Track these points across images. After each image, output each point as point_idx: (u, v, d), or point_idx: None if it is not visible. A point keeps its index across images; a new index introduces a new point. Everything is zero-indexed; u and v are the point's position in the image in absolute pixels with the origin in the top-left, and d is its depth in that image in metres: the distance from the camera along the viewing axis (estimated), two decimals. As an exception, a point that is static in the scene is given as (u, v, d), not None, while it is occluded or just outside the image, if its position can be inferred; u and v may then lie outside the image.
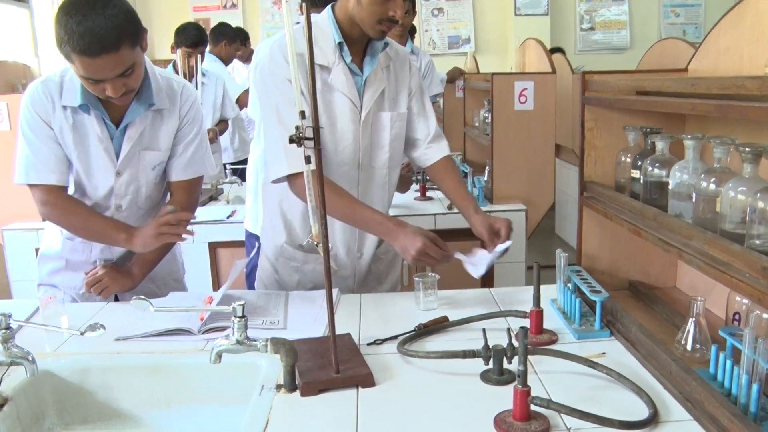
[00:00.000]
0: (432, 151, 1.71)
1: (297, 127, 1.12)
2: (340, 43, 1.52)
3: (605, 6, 6.20)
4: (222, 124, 3.54)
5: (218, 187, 3.08)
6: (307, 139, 1.10)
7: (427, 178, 3.07)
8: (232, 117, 3.58)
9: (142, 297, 1.15)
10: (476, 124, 3.14)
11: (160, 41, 6.08)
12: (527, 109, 2.48)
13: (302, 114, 1.14)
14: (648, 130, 1.30)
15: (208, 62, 3.66)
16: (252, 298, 1.56)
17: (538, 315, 1.26)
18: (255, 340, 1.10)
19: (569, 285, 1.37)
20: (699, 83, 1.03)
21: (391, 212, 2.38)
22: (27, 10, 4.25)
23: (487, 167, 2.77)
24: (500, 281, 2.50)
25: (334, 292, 1.59)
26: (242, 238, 2.53)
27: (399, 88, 1.64)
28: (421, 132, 1.70)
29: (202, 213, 2.65)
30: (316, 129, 1.09)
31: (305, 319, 1.42)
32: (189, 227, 1.51)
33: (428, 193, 2.81)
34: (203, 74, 3.34)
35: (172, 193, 1.68)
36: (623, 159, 1.35)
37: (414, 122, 1.68)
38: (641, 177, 1.25)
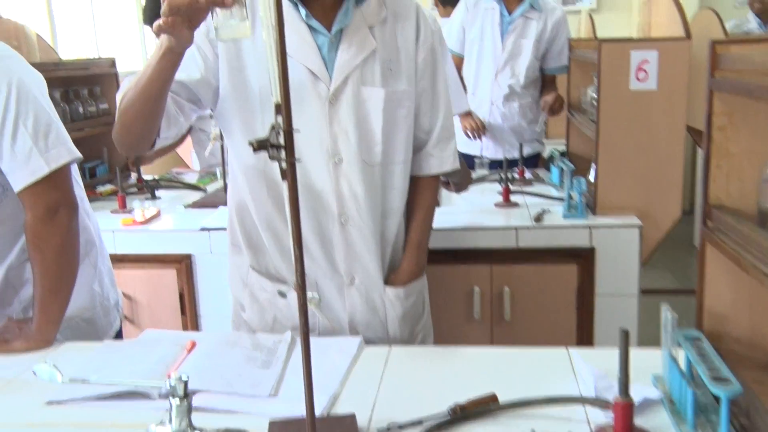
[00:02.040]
0: (427, 160, 1.57)
1: (272, 126, 0.95)
2: None
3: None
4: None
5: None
6: (277, 147, 0.93)
7: (515, 175, 2.87)
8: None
9: (48, 363, 1.03)
10: (583, 107, 2.87)
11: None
12: (648, 89, 2.20)
13: (277, 108, 0.97)
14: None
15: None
16: (246, 344, 1.42)
17: (624, 410, 1.03)
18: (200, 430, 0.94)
19: (681, 362, 1.12)
20: None
21: (451, 224, 2.25)
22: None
23: (592, 165, 2.50)
24: (601, 321, 2.24)
25: (355, 342, 1.43)
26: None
27: (401, 54, 1.46)
28: (422, 128, 1.54)
29: (224, 216, 2.57)
30: (288, 132, 0.92)
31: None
32: None
33: (513, 197, 2.59)
34: None
35: None
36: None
37: (416, 111, 1.52)
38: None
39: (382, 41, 1.45)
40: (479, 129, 3.25)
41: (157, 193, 3.00)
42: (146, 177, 3.17)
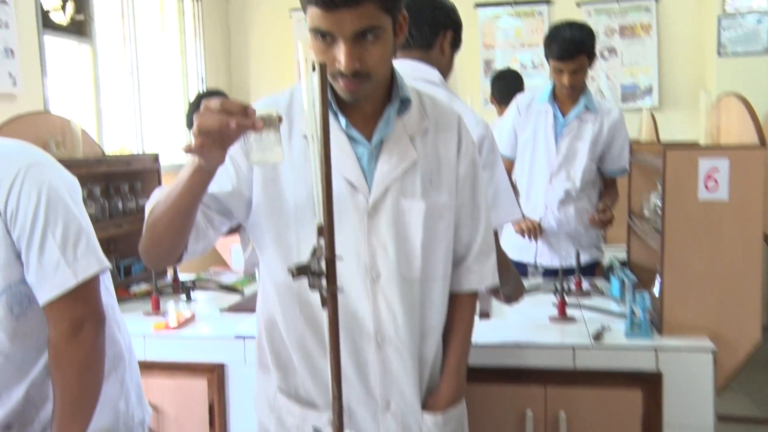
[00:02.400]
0: (466, 276, 1.55)
1: (313, 252, 0.93)
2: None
3: None
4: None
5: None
6: (318, 274, 0.90)
7: (571, 286, 2.79)
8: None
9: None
10: (645, 214, 2.80)
11: (262, 86, 6.35)
12: (719, 199, 2.12)
13: (320, 230, 0.95)
14: None
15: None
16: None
17: None
18: None
19: None
20: None
21: (501, 339, 2.16)
22: (90, 47, 4.51)
23: (657, 278, 2.41)
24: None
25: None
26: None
27: (442, 166, 1.48)
28: (461, 241, 1.54)
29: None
30: (331, 260, 0.89)
31: None
32: None
33: (569, 311, 2.50)
34: None
35: None
36: None
37: (455, 224, 1.52)
38: None
39: (423, 152, 1.47)
40: (535, 230, 3.20)
41: (193, 294, 3.00)
42: (182, 277, 3.19)
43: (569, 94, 3.12)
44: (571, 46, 2.94)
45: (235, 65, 6.51)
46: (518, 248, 3.24)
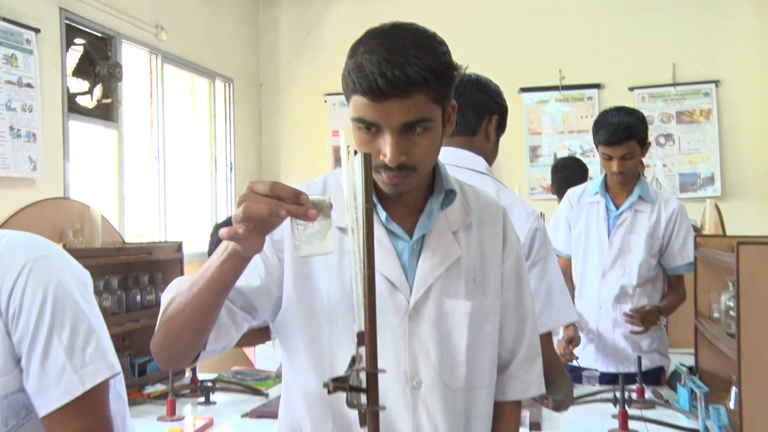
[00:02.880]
0: (510, 383, 1.50)
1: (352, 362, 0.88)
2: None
3: None
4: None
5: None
6: (357, 390, 0.84)
7: (633, 395, 2.66)
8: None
9: None
10: (715, 316, 2.68)
11: (293, 173, 6.41)
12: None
13: (359, 337, 0.90)
14: None
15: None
16: None
17: None
18: None
19: None
20: None
21: None
22: (116, 131, 4.61)
23: (733, 390, 2.28)
24: None
25: None
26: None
27: (486, 263, 1.44)
28: (505, 346, 1.49)
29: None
30: (373, 375, 0.83)
31: None
32: None
33: (631, 424, 2.37)
34: None
35: None
36: None
37: (500, 327, 1.47)
38: None
39: (467, 248, 1.43)
40: (569, 355, 3.09)
41: (213, 396, 2.93)
42: (202, 376, 3.13)
43: (621, 184, 3.07)
44: (619, 131, 2.91)
45: (266, 150, 6.62)
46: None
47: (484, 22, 6.00)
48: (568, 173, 4.44)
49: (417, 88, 1.25)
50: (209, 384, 2.98)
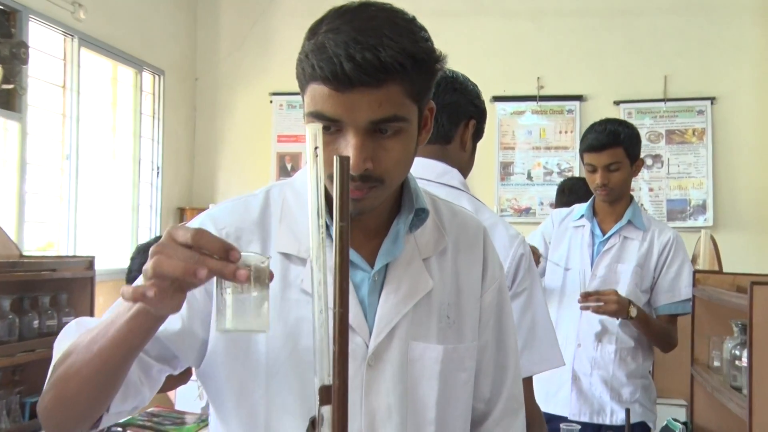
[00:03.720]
0: None
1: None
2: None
3: None
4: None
5: None
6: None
7: None
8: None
9: None
10: (716, 365, 2.62)
11: (231, 181, 6.25)
12: None
13: (323, 394, 0.79)
14: None
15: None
16: None
17: None
18: None
19: None
20: None
21: None
22: (18, 123, 4.45)
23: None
24: None
25: None
26: None
27: (462, 297, 1.34)
28: (481, 396, 1.39)
29: None
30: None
31: None
32: None
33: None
34: None
35: None
36: None
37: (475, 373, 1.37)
38: None
39: (440, 279, 1.32)
40: None
41: (121, 444, 2.75)
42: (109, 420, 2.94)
43: (607, 203, 3.02)
44: (603, 135, 2.90)
45: (200, 155, 6.44)
46: (544, 395, 3.01)
47: (455, 22, 5.93)
48: (576, 197, 4.15)
49: (391, 78, 1.12)
50: (118, 429, 2.80)
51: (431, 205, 1.35)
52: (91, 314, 3.37)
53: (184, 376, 3.14)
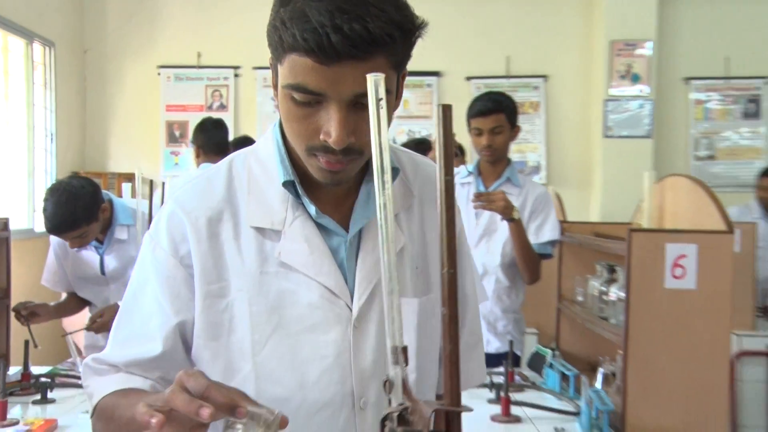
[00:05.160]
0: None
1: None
2: (289, 183, 1.13)
3: (731, 127, 6.00)
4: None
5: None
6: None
7: (521, 379, 2.62)
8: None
9: None
10: (579, 299, 2.70)
11: (122, 147, 5.93)
12: (686, 288, 2.03)
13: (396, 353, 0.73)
14: None
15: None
16: None
17: None
18: None
19: None
20: None
21: None
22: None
23: (599, 371, 2.28)
24: None
25: None
26: None
27: (428, 249, 1.23)
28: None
29: None
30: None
31: None
32: None
33: (515, 410, 2.31)
34: None
35: None
36: None
37: None
38: None
39: (409, 234, 1.21)
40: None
41: (50, 393, 2.55)
42: (36, 370, 2.72)
43: (491, 162, 3.05)
44: (489, 102, 2.96)
45: (90, 123, 6.03)
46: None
47: None
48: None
49: (379, 49, 0.98)
50: (46, 380, 2.59)
51: (397, 161, 1.22)
52: (7, 275, 3.10)
53: (82, 303, 3.07)
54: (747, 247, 3.80)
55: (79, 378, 2.70)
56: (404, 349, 0.72)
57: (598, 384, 2.47)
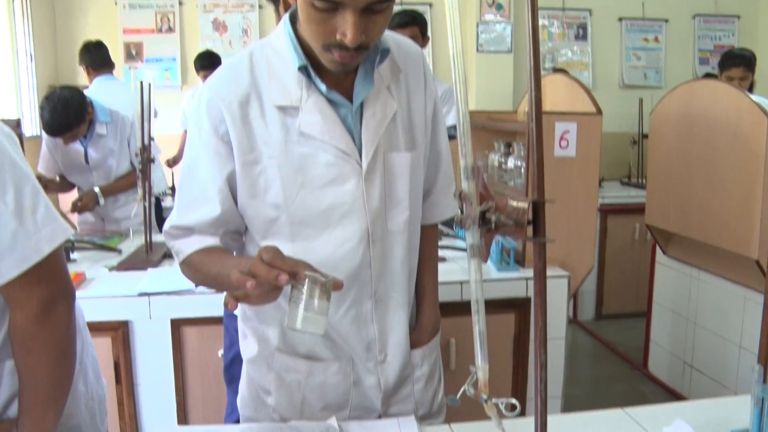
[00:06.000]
0: (431, 210, 1.31)
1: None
2: (303, 67, 1.07)
3: (568, 46, 6.11)
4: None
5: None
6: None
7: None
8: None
9: None
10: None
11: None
12: (569, 155, 2.11)
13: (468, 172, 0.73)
14: None
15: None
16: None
17: None
18: None
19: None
20: None
21: None
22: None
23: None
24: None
25: (411, 423, 1.11)
26: (218, 313, 2.03)
27: (413, 113, 1.19)
28: (427, 178, 1.28)
29: (160, 279, 2.09)
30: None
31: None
32: None
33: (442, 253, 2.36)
34: None
35: None
36: None
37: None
38: None
39: (399, 101, 1.17)
40: None
41: (71, 255, 2.42)
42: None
43: None
44: (407, 17, 2.85)
45: (61, 48, 5.47)
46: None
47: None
48: None
49: None
50: (69, 244, 2.46)
51: (387, 44, 1.15)
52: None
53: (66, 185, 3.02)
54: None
55: (90, 243, 2.59)
56: (477, 168, 0.70)
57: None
